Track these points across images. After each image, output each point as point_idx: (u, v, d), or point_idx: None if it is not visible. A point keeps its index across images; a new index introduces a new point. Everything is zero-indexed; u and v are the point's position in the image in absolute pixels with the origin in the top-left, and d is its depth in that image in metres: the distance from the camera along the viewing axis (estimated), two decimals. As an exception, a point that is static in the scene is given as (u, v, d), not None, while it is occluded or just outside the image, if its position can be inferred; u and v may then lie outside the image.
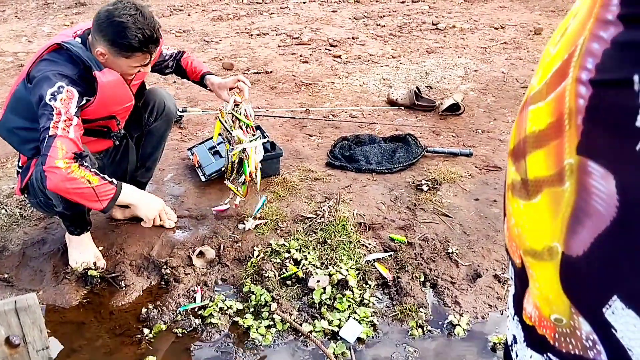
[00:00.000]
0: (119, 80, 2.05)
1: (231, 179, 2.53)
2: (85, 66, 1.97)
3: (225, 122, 2.44)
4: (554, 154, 0.78)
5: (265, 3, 6.19)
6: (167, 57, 2.48)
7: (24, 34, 5.24)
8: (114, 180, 1.98)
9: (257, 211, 2.58)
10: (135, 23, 1.91)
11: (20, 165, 2.18)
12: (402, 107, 3.75)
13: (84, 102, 1.94)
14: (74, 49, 1.95)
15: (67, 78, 1.90)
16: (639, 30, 0.67)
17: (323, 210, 2.63)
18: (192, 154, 2.97)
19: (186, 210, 2.64)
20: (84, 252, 2.27)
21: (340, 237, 2.45)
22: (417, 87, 3.80)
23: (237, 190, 2.54)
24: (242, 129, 2.45)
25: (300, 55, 4.77)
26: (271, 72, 4.41)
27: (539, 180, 0.81)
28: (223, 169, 2.59)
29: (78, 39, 2.02)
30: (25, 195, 2.19)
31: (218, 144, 2.87)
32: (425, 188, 2.81)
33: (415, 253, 2.38)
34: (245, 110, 2.46)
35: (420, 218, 2.60)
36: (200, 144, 3.04)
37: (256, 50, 4.94)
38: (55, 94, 1.86)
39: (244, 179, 2.50)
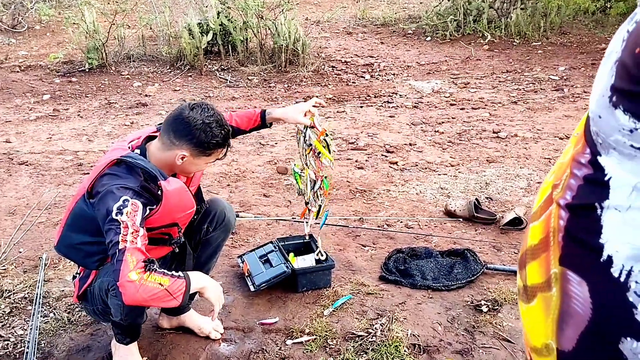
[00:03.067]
0: (183, 188, 2.09)
1: (310, 201, 2.74)
2: (147, 177, 2.01)
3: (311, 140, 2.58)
4: (544, 265, 0.96)
5: (322, 107, 6.34)
6: None
7: (85, 133, 5.48)
8: (180, 274, 1.96)
9: (322, 226, 2.88)
10: (217, 122, 2.05)
11: (78, 272, 2.18)
12: (461, 219, 3.64)
13: (147, 212, 1.97)
14: (135, 161, 2.00)
15: (130, 190, 1.94)
16: (601, 173, 0.88)
17: (375, 328, 2.49)
18: (243, 262, 2.93)
19: (233, 321, 2.56)
20: (128, 362, 2.21)
21: (392, 359, 2.30)
22: (476, 199, 3.70)
23: (314, 212, 2.75)
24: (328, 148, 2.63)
25: (356, 161, 4.78)
26: (325, 177, 4.41)
27: (534, 287, 0.99)
28: (306, 200, 2.77)
29: (137, 150, 2.07)
30: (82, 302, 2.18)
31: (305, 171, 2.77)
32: (484, 309, 2.64)
33: (474, 384, 2.20)
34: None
35: (479, 342, 2.42)
36: (251, 251, 3.00)
37: (312, 154, 4.97)
38: (122, 207, 1.89)
39: (322, 198, 2.72)
